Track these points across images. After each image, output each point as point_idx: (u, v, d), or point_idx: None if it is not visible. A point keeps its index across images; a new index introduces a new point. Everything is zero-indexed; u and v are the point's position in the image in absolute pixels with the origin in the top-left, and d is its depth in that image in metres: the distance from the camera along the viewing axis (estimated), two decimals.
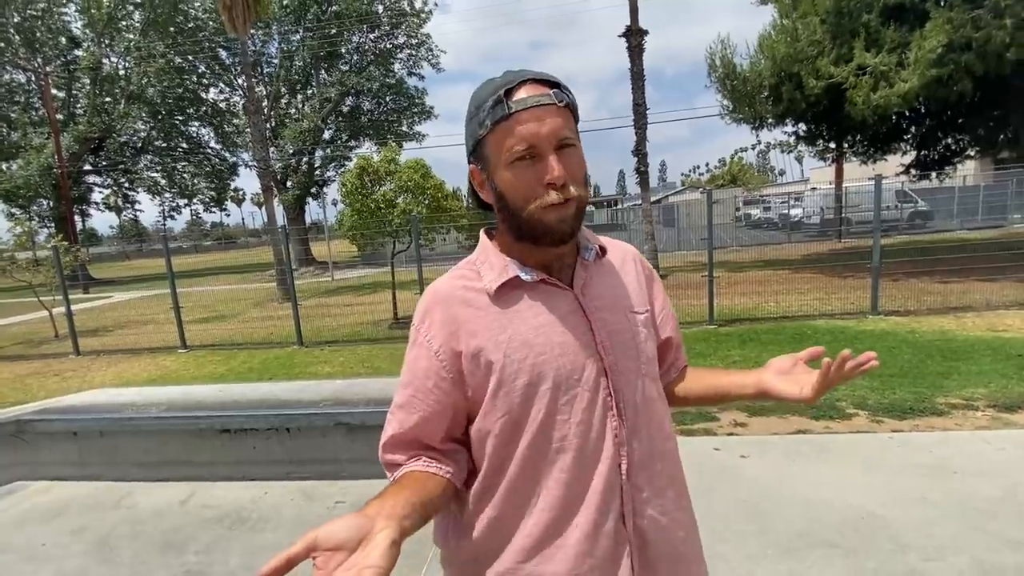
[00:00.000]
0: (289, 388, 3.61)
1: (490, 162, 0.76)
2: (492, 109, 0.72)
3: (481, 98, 0.74)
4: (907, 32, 9.13)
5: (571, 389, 0.75)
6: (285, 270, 8.88)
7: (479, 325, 0.76)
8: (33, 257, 10.79)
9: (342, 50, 23.99)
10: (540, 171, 0.72)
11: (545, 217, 0.73)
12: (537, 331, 0.76)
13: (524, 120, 0.71)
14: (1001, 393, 3.79)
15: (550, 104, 0.72)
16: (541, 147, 0.71)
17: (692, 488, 0.90)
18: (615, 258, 0.89)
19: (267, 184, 13.85)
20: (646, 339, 0.84)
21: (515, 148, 0.71)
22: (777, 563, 2.08)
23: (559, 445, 0.75)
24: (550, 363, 0.75)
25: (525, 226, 0.76)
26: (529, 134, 0.71)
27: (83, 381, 6.62)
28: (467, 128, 0.78)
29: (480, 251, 0.85)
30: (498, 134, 0.72)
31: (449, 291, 0.80)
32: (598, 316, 0.79)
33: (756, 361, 5.11)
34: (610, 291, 0.83)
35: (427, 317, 0.79)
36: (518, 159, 0.72)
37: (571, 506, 0.75)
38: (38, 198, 24.20)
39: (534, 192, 0.73)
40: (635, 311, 0.84)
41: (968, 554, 2.06)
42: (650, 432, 0.80)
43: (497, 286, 0.77)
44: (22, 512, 2.94)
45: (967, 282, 7.87)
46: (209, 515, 2.77)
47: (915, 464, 2.78)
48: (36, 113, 24.87)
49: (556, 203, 0.73)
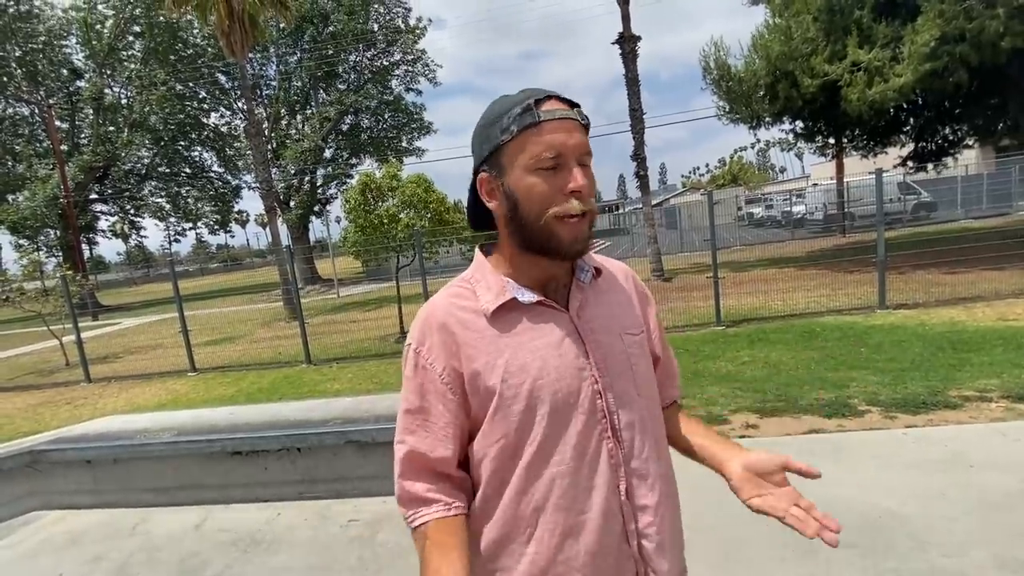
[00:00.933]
0: (298, 408, 3.62)
1: (508, 168, 0.76)
2: (520, 116, 0.73)
3: (505, 107, 0.76)
4: (899, 27, 9.16)
5: (567, 413, 0.75)
6: (291, 289, 8.93)
7: (477, 349, 0.76)
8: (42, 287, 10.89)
9: (339, 69, 24.31)
10: (562, 180, 0.74)
11: (560, 230, 0.75)
12: (534, 355, 0.76)
13: (553, 129, 0.73)
14: (1015, 383, 3.75)
15: (575, 120, 0.75)
16: (567, 157, 0.73)
17: (704, 493, 0.91)
18: (610, 278, 0.89)
19: (270, 205, 13.97)
20: (640, 359, 0.84)
21: (543, 155, 0.73)
22: (797, 566, 2.05)
23: (556, 470, 0.75)
24: (547, 388, 0.75)
25: (537, 235, 0.76)
26: (558, 143, 0.73)
27: (95, 408, 6.66)
28: (483, 135, 0.78)
29: (475, 269, 0.84)
30: (523, 140, 0.73)
31: (446, 312, 0.79)
32: (593, 339, 0.79)
33: (766, 362, 5.09)
34: (605, 312, 0.83)
35: (426, 340, 0.79)
36: (543, 167, 0.73)
37: (572, 530, 0.75)
38: (45, 228, 24.51)
39: (554, 200, 0.74)
40: (630, 332, 0.84)
41: (989, 549, 2.03)
42: (648, 453, 0.81)
43: (495, 308, 0.77)
44: (38, 543, 2.95)
45: (975, 272, 7.81)
46: (224, 538, 2.78)
47: (931, 459, 2.75)
48: (40, 145, 25.27)
49: (575, 214, 0.74)
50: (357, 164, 25.63)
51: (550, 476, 0.75)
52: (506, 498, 0.76)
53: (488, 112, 0.78)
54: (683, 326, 7.07)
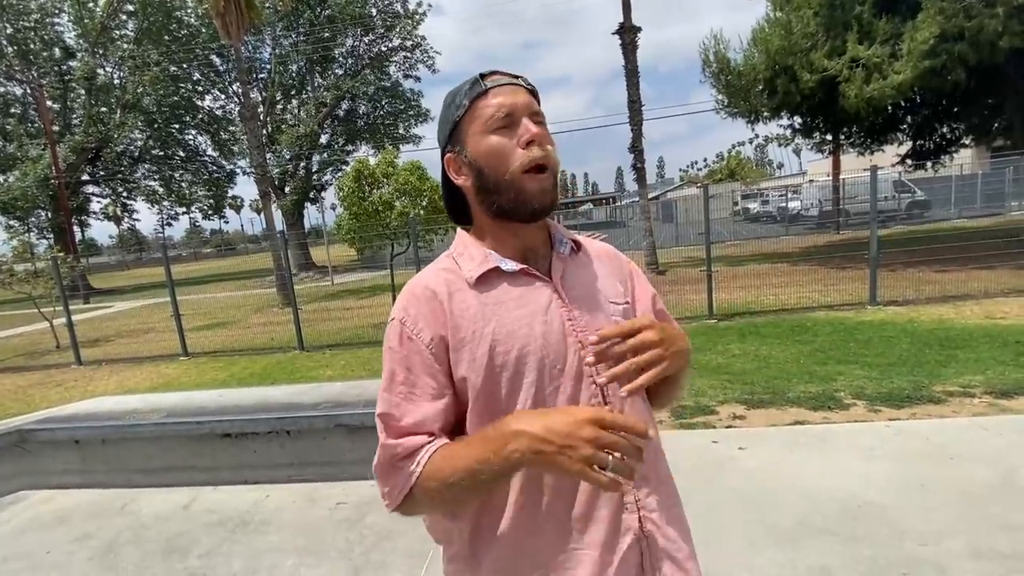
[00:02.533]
0: (289, 391, 3.62)
1: (467, 139, 0.79)
2: (469, 90, 0.79)
3: (456, 90, 0.82)
4: (899, 23, 9.14)
5: (554, 379, 0.76)
6: (285, 275, 8.89)
7: (462, 318, 0.77)
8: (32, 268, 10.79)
9: (336, 54, 24.02)
10: (518, 134, 0.77)
11: (527, 184, 0.77)
12: (520, 322, 0.77)
13: (500, 92, 0.78)
14: (998, 380, 3.81)
15: (520, 85, 0.80)
16: (518, 113, 0.77)
17: (691, 480, 0.92)
18: (590, 253, 0.90)
19: (265, 190, 13.86)
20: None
21: (494, 115, 0.77)
22: (776, 551, 2.09)
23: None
24: (534, 353, 0.75)
25: (505, 193, 0.78)
26: (507, 103, 0.77)
27: (85, 391, 6.63)
28: (442, 122, 0.84)
29: (458, 243, 0.86)
30: (475, 109, 0.78)
31: (430, 284, 0.80)
32: (576, 305, 0.81)
33: (756, 355, 5.13)
34: (587, 282, 0.85)
35: (411, 310, 0.79)
36: (497, 127, 0.77)
37: (562, 492, 0.76)
38: (36, 209, 24.23)
39: (513, 153, 0.77)
40: (613, 301, 0.85)
41: (964, 539, 2.07)
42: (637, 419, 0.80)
43: (478, 275, 0.79)
44: (26, 521, 2.95)
45: (966, 271, 7.88)
46: (212, 519, 2.79)
47: (912, 452, 2.80)
48: (32, 125, 24.91)
49: (538, 162, 0.77)
50: (353, 151, 25.42)
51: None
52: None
53: (445, 100, 0.83)
54: (675, 318, 7.06)
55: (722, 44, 11.58)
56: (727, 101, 12.08)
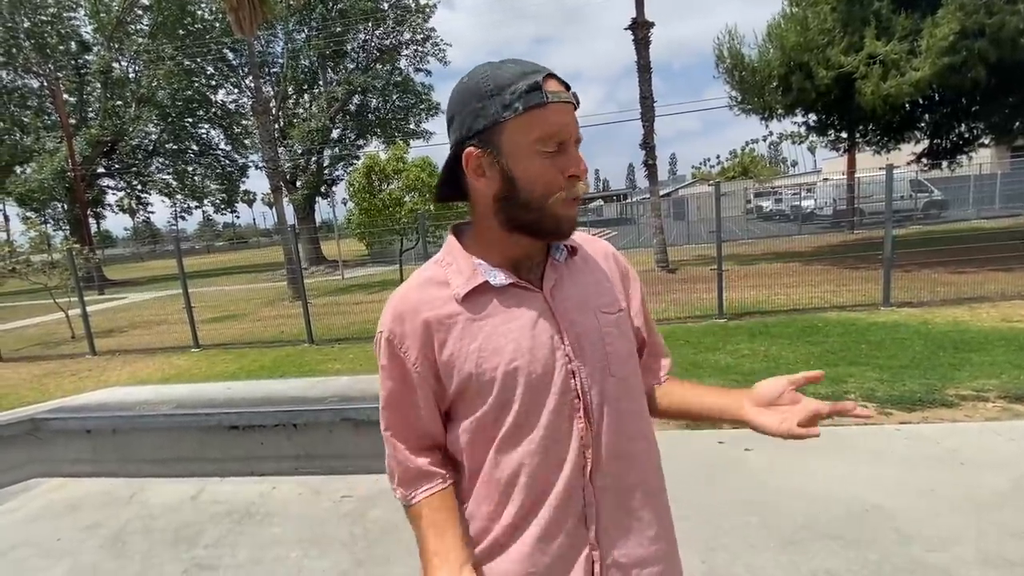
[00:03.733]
0: (296, 385, 3.66)
1: (509, 147, 0.72)
2: (526, 94, 0.70)
3: (504, 80, 0.71)
4: (919, 19, 8.95)
5: (541, 393, 0.75)
6: (295, 269, 8.96)
7: (450, 335, 0.76)
8: (49, 259, 10.96)
9: (348, 48, 24.07)
10: (564, 163, 0.73)
11: (564, 212, 0.75)
12: (507, 337, 0.75)
13: (558, 112, 0.72)
14: (1013, 384, 3.73)
15: (573, 104, 0.75)
16: (570, 141, 0.74)
17: (696, 481, 0.91)
18: (587, 256, 0.87)
19: (276, 184, 13.95)
20: (616, 339, 0.83)
21: (550, 138, 0.72)
22: (779, 554, 2.07)
23: (528, 448, 0.76)
24: (522, 369, 0.75)
25: (535, 216, 0.75)
26: (563, 127, 0.72)
27: (99, 380, 6.75)
28: (473, 107, 0.73)
29: (446, 252, 0.83)
30: (529, 120, 0.71)
31: (418, 299, 0.78)
32: (567, 318, 0.78)
33: (765, 355, 5.07)
34: (580, 291, 0.82)
35: (398, 327, 0.78)
36: (548, 149, 0.72)
37: (534, 507, 0.76)
38: (52, 201, 24.64)
39: (557, 184, 0.73)
40: (604, 311, 0.83)
41: (973, 545, 2.04)
42: (616, 433, 0.80)
43: (465, 292, 0.77)
44: (38, 508, 3.01)
45: (982, 272, 7.72)
46: (219, 510, 2.83)
47: (922, 456, 2.75)
48: (49, 117, 25.28)
49: (579, 196, 0.76)
50: (364, 145, 25.52)
51: (522, 454, 0.76)
52: (482, 476, 0.78)
53: (480, 82, 0.73)
54: (685, 317, 7.06)
55: (737, 40, 11.43)
56: (741, 98, 11.93)
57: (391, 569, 2.22)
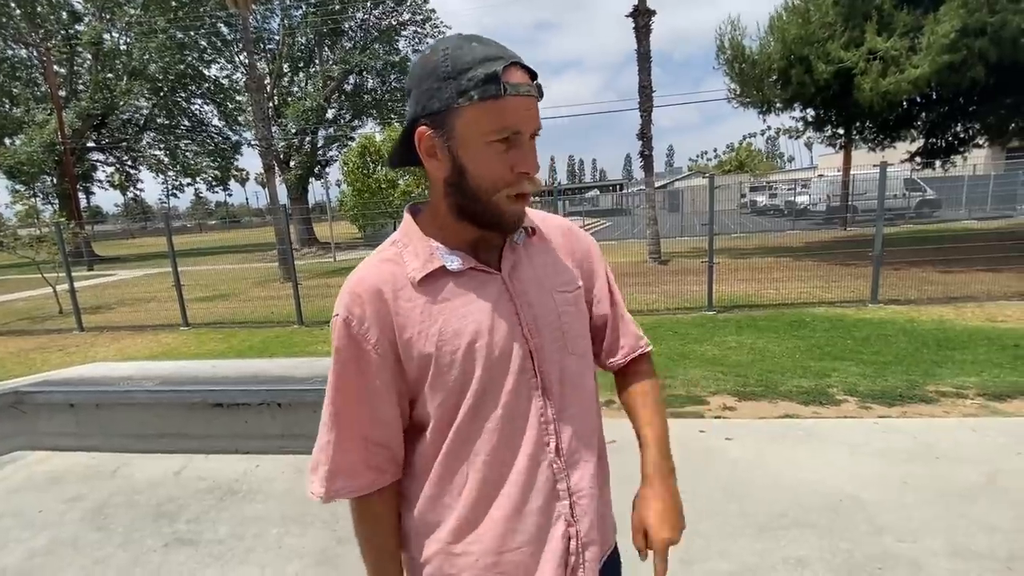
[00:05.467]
0: (282, 364, 3.65)
1: (460, 134, 0.70)
2: (483, 84, 0.67)
3: (464, 63, 0.68)
4: (921, 15, 8.91)
5: (501, 374, 0.76)
6: (287, 250, 8.89)
7: (409, 317, 0.75)
8: (37, 233, 10.81)
9: (346, 27, 23.66)
10: (515, 158, 0.71)
11: (508, 208, 0.74)
12: (466, 319, 0.75)
13: (515, 105, 0.69)
14: (992, 382, 3.79)
15: (535, 96, 0.72)
16: (524, 136, 0.71)
17: (676, 467, 0.93)
18: (544, 236, 0.87)
19: (269, 163, 13.78)
20: (574, 317, 0.83)
21: (502, 131, 0.69)
22: (753, 541, 2.11)
23: (488, 426, 0.76)
24: (481, 351, 0.75)
25: (481, 209, 0.74)
26: (519, 120, 0.70)
27: (86, 356, 6.70)
28: (429, 86, 0.70)
29: (403, 233, 0.81)
30: (483, 110, 0.68)
31: (377, 280, 0.76)
32: (524, 300, 0.79)
33: (752, 348, 5.12)
34: (537, 272, 0.82)
35: (355, 310, 0.76)
36: (499, 140, 0.70)
37: (497, 484, 0.77)
38: (41, 174, 24.22)
39: (505, 178, 0.72)
40: (562, 290, 0.83)
41: (943, 537, 2.08)
42: (579, 411, 0.82)
43: (421, 276, 0.75)
44: (20, 481, 3.01)
45: (970, 272, 7.81)
46: (202, 486, 2.83)
47: (899, 449, 2.80)
48: (38, 88, 24.76)
49: (525, 193, 0.74)
50: (359, 126, 25.23)
51: (481, 434, 0.76)
52: (441, 458, 0.78)
53: (438, 61, 0.70)
54: (674, 309, 7.09)
55: (738, 30, 11.33)
56: (740, 90, 11.87)
57: None
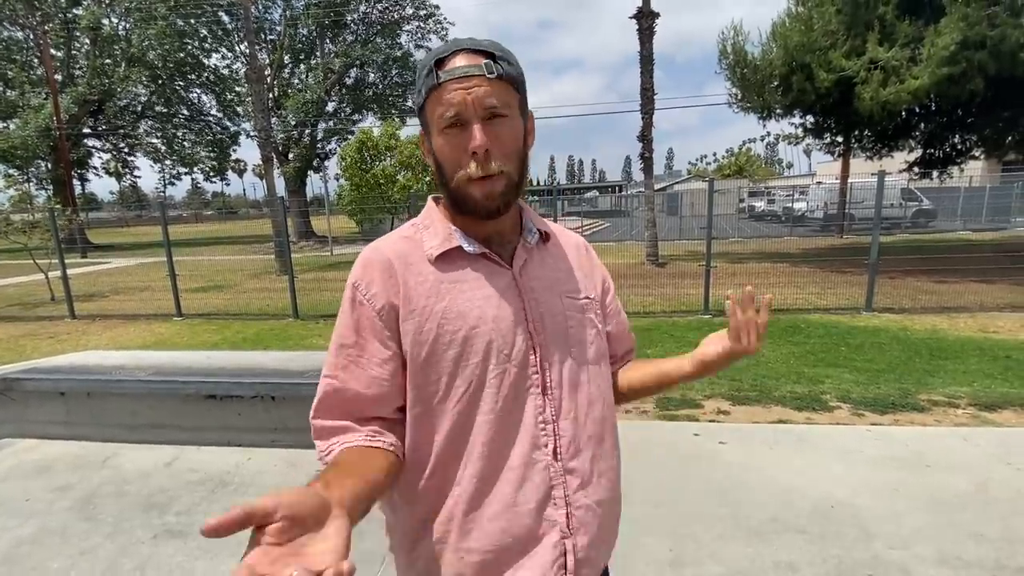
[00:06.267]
0: (277, 357, 3.63)
1: (428, 129, 0.77)
2: (425, 78, 0.73)
3: (422, 63, 0.75)
4: (922, 27, 8.96)
5: (500, 364, 0.75)
6: (283, 243, 8.84)
7: (418, 291, 0.76)
8: (30, 219, 10.69)
9: (348, 19, 23.54)
10: (464, 140, 0.72)
11: (470, 190, 0.74)
12: (472, 304, 0.76)
13: (451, 89, 0.71)
14: (984, 392, 3.82)
15: (479, 75, 0.71)
16: (466, 115, 0.71)
17: (668, 470, 0.92)
18: (559, 245, 0.89)
19: (267, 155, 13.70)
20: (580, 323, 0.83)
21: (444, 115, 0.72)
22: (744, 545, 2.11)
23: (483, 418, 0.75)
24: (482, 337, 0.75)
25: (454, 196, 0.77)
26: (456, 101, 0.71)
27: (77, 344, 6.65)
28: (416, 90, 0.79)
29: (425, 215, 0.84)
30: (431, 102, 0.73)
31: (391, 252, 0.78)
32: (532, 296, 0.79)
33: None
34: (548, 274, 0.83)
35: (367, 276, 0.77)
36: (448, 126, 0.72)
37: (489, 480, 0.75)
38: (36, 159, 23.96)
39: (460, 161, 0.73)
40: (571, 296, 0.84)
41: (933, 545, 2.09)
42: (580, 415, 0.80)
43: (439, 253, 0.78)
44: (8, 468, 2.98)
45: (964, 283, 7.87)
46: (193, 478, 2.81)
47: (890, 457, 2.82)
48: (34, 72, 24.45)
49: (476, 177, 0.73)
50: (359, 120, 25.13)
51: (477, 423, 0.75)
52: (436, 445, 0.76)
53: (418, 69, 0.78)
54: (670, 312, 7.11)
55: (741, 36, 11.36)
56: (741, 95, 11.90)
57: (363, 543, 2.23)
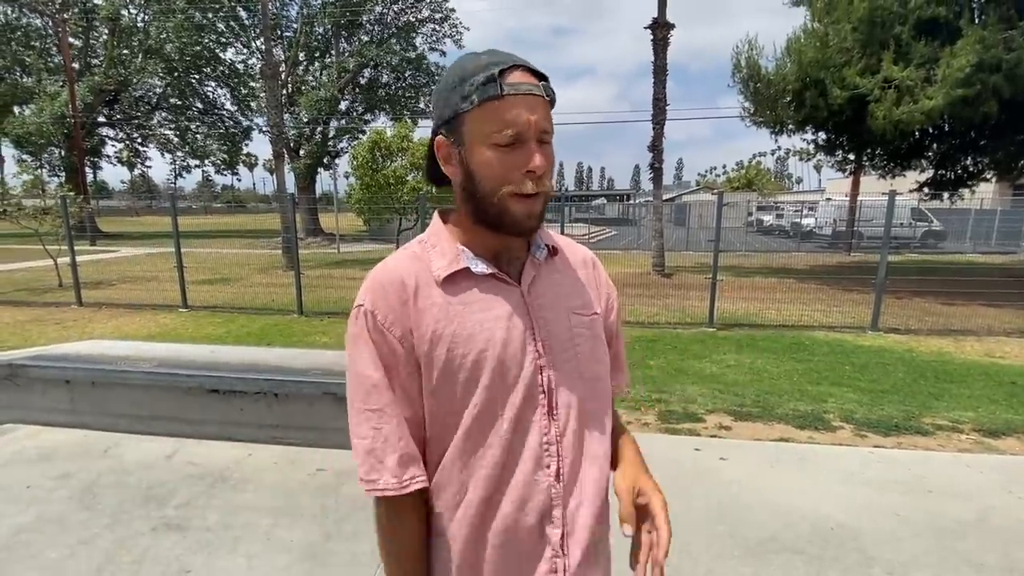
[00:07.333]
0: (281, 354, 3.65)
1: (466, 138, 0.73)
2: (483, 86, 0.70)
3: (468, 71, 0.72)
4: (938, 48, 8.93)
5: (509, 386, 0.75)
6: (291, 238, 8.88)
7: (428, 314, 0.75)
8: (42, 205, 10.79)
9: (364, 20, 23.71)
10: (520, 158, 0.72)
11: (514, 206, 0.73)
12: (482, 326, 0.75)
13: (515, 105, 0.70)
14: (988, 418, 3.79)
15: (539, 95, 0.72)
16: (527, 135, 0.71)
17: (668, 485, 0.91)
18: (567, 259, 0.88)
19: (279, 151, 13.77)
20: (587, 340, 0.83)
21: (502, 131, 0.70)
22: (741, 565, 2.10)
23: (492, 439, 0.75)
24: (491, 360, 0.74)
25: (490, 210, 0.74)
26: (520, 120, 0.70)
27: (83, 331, 6.69)
28: (444, 97, 0.75)
29: (431, 234, 0.82)
30: (484, 112, 0.71)
31: (404, 273, 0.77)
32: (540, 315, 0.79)
33: (751, 368, 5.12)
34: (555, 290, 0.83)
35: (380, 302, 0.76)
36: (501, 143, 0.71)
37: (493, 502, 0.76)
38: (50, 146, 24.22)
39: (510, 177, 0.72)
40: (578, 312, 0.83)
41: (932, 572, 2.07)
42: (583, 434, 0.80)
43: (446, 275, 0.76)
44: (10, 454, 3.00)
45: (971, 306, 7.81)
46: (193, 471, 2.82)
47: (892, 480, 2.79)
48: (52, 60, 24.75)
49: (529, 193, 0.73)
50: (371, 120, 25.25)
51: (484, 446, 0.75)
52: (444, 464, 0.77)
53: (451, 71, 0.75)
54: (675, 323, 7.09)
55: (755, 50, 11.35)
56: (754, 109, 11.89)
57: (359, 546, 2.23)
